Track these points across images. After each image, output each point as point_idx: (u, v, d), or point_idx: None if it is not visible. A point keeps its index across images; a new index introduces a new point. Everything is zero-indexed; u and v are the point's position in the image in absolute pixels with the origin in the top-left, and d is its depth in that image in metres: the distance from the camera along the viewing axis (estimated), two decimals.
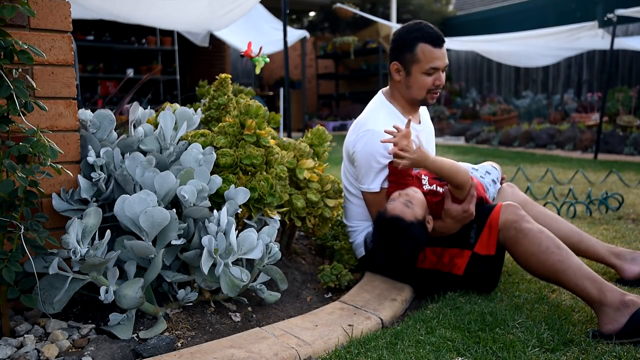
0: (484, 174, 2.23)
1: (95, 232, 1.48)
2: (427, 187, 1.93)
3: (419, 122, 2.17)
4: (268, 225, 1.79)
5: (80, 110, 1.74)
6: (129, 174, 1.64)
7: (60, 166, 1.39)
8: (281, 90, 5.72)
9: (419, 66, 2.02)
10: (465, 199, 1.87)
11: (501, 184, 2.31)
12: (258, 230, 1.69)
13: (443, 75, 2.07)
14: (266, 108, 1.94)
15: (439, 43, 2.01)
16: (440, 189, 1.92)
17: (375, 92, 2.25)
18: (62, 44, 1.61)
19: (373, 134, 2.00)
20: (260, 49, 2.45)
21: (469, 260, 1.89)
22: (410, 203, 1.79)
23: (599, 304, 1.59)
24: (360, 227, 2.14)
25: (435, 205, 1.90)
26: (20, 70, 1.39)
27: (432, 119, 2.41)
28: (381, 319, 1.71)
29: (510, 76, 11.51)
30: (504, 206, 1.88)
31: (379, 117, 2.07)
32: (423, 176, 1.96)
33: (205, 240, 1.55)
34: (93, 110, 1.81)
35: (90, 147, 1.67)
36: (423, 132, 2.17)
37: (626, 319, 1.52)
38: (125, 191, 1.66)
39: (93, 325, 1.52)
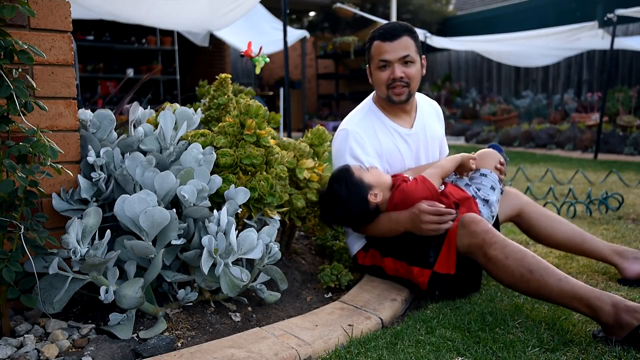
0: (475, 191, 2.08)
1: (95, 232, 1.48)
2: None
3: (411, 126, 2.14)
4: (268, 225, 1.79)
5: (80, 110, 1.74)
6: (129, 174, 1.64)
7: (60, 166, 1.39)
8: (281, 90, 5.72)
9: (373, 63, 2.09)
10: (428, 215, 1.81)
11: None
12: (258, 230, 1.69)
13: (407, 70, 2.02)
14: (266, 108, 1.94)
15: (388, 37, 2.01)
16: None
17: None
18: (62, 44, 1.61)
19: (346, 133, 2.07)
20: (260, 49, 2.45)
21: (430, 279, 1.86)
22: (366, 170, 1.95)
23: (595, 320, 1.55)
24: None
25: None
26: (20, 70, 1.39)
27: None
28: (381, 319, 1.71)
29: (510, 76, 11.50)
30: (459, 225, 1.81)
31: (356, 118, 2.14)
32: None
33: (205, 240, 1.55)
34: (93, 110, 1.81)
35: (90, 147, 1.67)
36: (414, 136, 2.13)
37: (624, 335, 1.47)
38: (125, 191, 1.66)
39: (93, 325, 1.52)
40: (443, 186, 1.98)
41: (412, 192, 1.89)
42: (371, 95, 2.22)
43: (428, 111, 2.25)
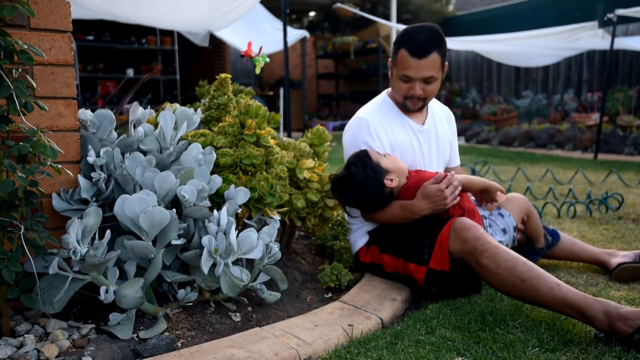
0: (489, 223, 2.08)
1: (95, 232, 1.48)
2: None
3: (423, 123, 2.15)
4: (268, 225, 1.79)
5: (80, 110, 1.74)
6: (129, 174, 1.64)
7: (60, 166, 1.39)
8: (281, 90, 5.72)
9: (396, 70, 2.03)
10: (444, 183, 1.86)
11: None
12: (258, 230, 1.69)
13: (427, 87, 1.99)
14: (266, 108, 1.94)
15: (417, 54, 1.93)
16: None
17: (375, 92, 2.27)
18: (62, 44, 1.61)
19: (360, 121, 2.07)
20: (260, 49, 2.45)
21: (426, 275, 1.87)
22: (384, 156, 1.97)
23: (590, 326, 1.55)
24: (356, 225, 2.14)
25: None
26: (20, 70, 1.39)
27: None
28: (381, 319, 1.71)
29: (510, 76, 11.50)
30: (451, 230, 1.81)
31: (371, 107, 2.14)
32: None
33: (205, 240, 1.55)
34: (93, 110, 1.81)
35: (90, 147, 1.67)
36: (426, 133, 2.15)
37: (621, 340, 1.47)
38: (125, 191, 1.66)
39: (93, 325, 1.52)
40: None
41: (426, 177, 1.93)
42: (387, 90, 2.22)
43: (438, 112, 2.25)
